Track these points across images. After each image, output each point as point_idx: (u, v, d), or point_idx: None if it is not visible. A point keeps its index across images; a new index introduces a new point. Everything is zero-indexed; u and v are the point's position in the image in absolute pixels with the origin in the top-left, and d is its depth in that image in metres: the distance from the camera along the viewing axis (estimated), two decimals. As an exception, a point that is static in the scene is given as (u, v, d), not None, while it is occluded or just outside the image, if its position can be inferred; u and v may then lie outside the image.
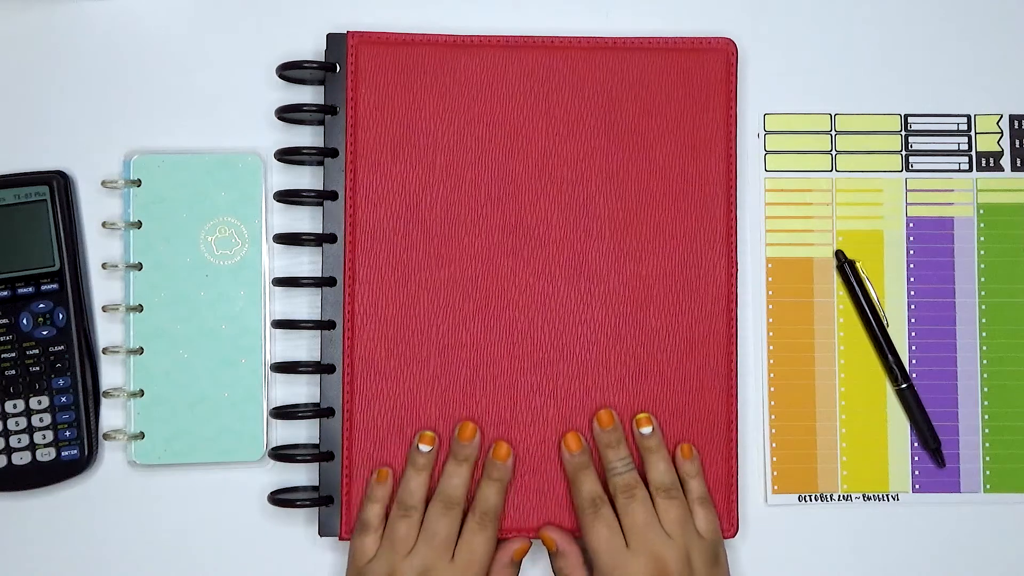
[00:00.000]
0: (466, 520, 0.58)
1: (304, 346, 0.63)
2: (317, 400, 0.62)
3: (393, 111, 0.62)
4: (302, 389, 0.63)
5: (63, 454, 0.62)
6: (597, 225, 0.62)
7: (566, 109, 0.62)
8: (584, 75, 0.63)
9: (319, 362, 0.62)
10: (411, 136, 0.62)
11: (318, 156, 0.62)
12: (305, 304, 0.64)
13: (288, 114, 0.63)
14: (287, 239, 0.62)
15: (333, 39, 0.63)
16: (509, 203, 0.62)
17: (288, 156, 0.62)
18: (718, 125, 0.63)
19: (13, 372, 0.62)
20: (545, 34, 0.63)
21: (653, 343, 0.62)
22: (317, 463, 0.62)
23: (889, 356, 0.64)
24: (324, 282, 0.62)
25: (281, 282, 0.62)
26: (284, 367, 0.62)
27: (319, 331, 0.62)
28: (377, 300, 0.61)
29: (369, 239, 0.61)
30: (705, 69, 0.63)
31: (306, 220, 0.64)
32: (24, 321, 0.62)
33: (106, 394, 0.63)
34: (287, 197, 0.63)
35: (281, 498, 0.61)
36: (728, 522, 0.62)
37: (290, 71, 0.63)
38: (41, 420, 0.62)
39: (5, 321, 0.62)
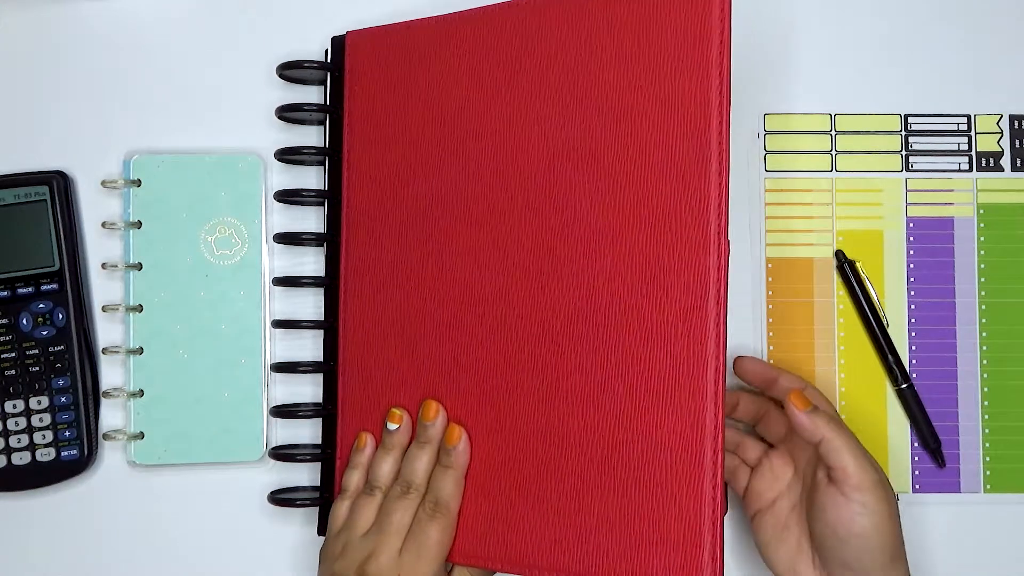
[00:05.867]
0: (418, 509, 0.55)
1: (306, 346, 0.63)
2: (318, 400, 0.62)
3: (386, 108, 0.60)
4: (304, 389, 0.63)
5: (63, 454, 0.62)
6: (576, 205, 0.54)
7: (540, 79, 0.55)
8: (554, 37, 0.55)
9: (319, 362, 0.62)
10: (399, 130, 0.60)
11: (318, 156, 0.62)
12: (305, 304, 0.64)
13: (288, 113, 0.63)
14: (287, 239, 0.62)
15: (336, 41, 0.63)
16: (490, 192, 0.57)
17: (288, 156, 0.62)
18: (707, 72, 0.51)
19: (13, 372, 0.62)
20: None
21: (642, 334, 0.52)
22: (317, 463, 0.62)
23: (889, 356, 0.64)
24: (324, 282, 0.62)
25: (281, 282, 0.62)
26: (284, 367, 0.62)
27: (320, 331, 0.62)
28: (375, 300, 0.60)
29: (362, 237, 0.60)
30: (690, 9, 0.52)
31: (306, 220, 0.64)
32: (24, 321, 0.62)
33: (106, 394, 0.63)
34: (287, 197, 0.62)
35: (281, 497, 0.61)
36: (728, 522, 0.60)
37: (290, 71, 0.63)
38: (41, 420, 0.62)
39: (5, 321, 0.62)
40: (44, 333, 0.62)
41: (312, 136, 0.64)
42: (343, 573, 0.54)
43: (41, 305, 0.62)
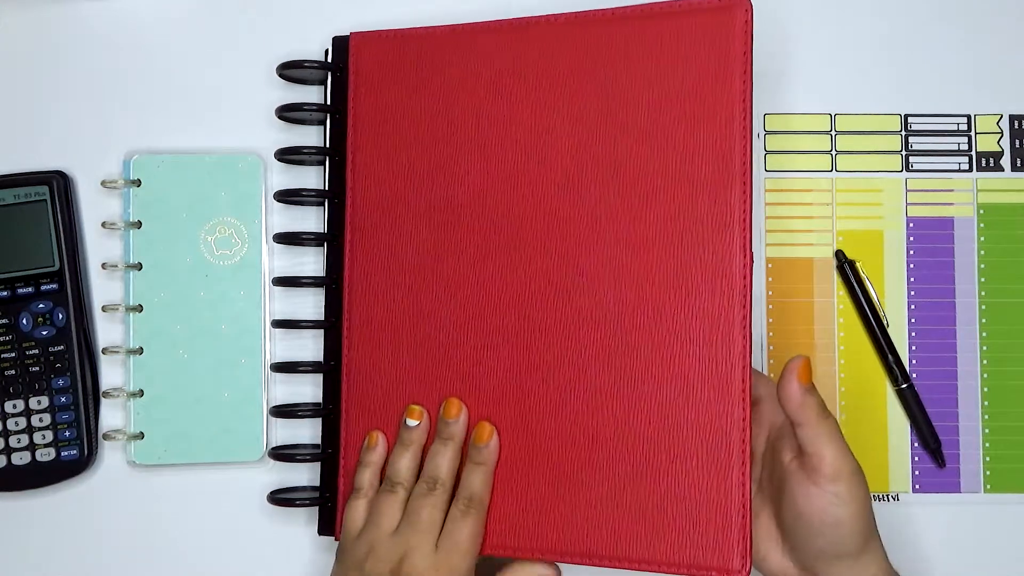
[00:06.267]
0: (451, 507, 0.56)
1: (306, 346, 0.63)
2: (318, 400, 0.62)
3: (396, 111, 0.60)
4: (304, 389, 0.63)
5: (63, 454, 0.62)
6: (600, 216, 0.57)
7: (564, 93, 0.57)
8: (580, 53, 0.57)
9: (319, 362, 0.62)
10: (410, 133, 0.60)
11: (318, 156, 0.62)
12: (305, 304, 0.64)
13: (288, 113, 0.63)
14: (286, 238, 0.62)
15: (338, 41, 0.63)
16: (509, 198, 0.58)
17: (288, 156, 0.62)
18: (732, 95, 0.54)
19: (13, 372, 0.62)
20: (540, 12, 0.59)
21: (671, 337, 0.54)
22: (317, 462, 0.62)
23: (889, 356, 0.64)
24: (324, 282, 0.62)
25: (281, 282, 0.62)
26: (284, 367, 0.62)
27: (320, 331, 0.62)
28: (383, 300, 0.60)
29: (369, 239, 0.61)
30: (715, 33, 0.55)
31: (306, 220, 0.64)
32: (24, 321, 0.62)
33: (106, 394, 0.63)
34: (287, 197, 0.62)
35: (281, 497, 0.61)
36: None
37: (291, 71, 0.63)
38: (41, 420, 0.62)
39: (5, 321, 0.62)
40: (44, 333, 0.62)
41: (312, 136, 0.64)
42: (374, 574, 0.54)
43: (41, 305, 0.62)
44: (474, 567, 0.55)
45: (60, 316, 0.62)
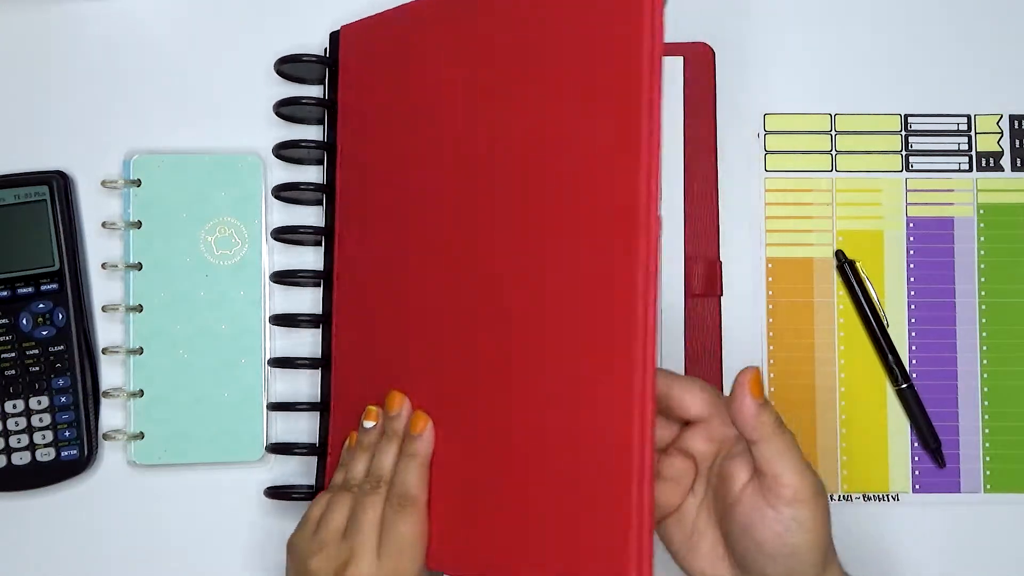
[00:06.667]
0: (385, 506, 0.52)
1: (306, 344, 0.63)
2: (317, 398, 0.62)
3: (375, 101, 0.59)
4: (305, 388, 0.63)
5: (63, 454, 0.62)
6: (514, 204, 0.51)
7: (488, 66, 0.52)
8: (498, 24, 0.52)
9: (316, 358, 0.62)
10: (383, 123, 0.58)
11: (316, 151, 0.62)
12: (304, 303, 0.64)
13: (286, 109, 0.63)
14: (285, 232, 0.62)
15: (334, 36, 0.63)
16: (448, 187, 0.54)
17: (286, 150, 0.62)
18: (638, 36, 0.45)
19: (13, 372, 0.62)
20: None
21: (559, 334, 0.48)
22: (315, 456, 0.62)
23: (889, 356, 0.64)
24: (322, 277, 0.62)
25: (279, 276, 0.62)
26: (281, 362, 0.62)
27: (319, 329, 0.62)
28: (364, 296, 0.59)
29: (353, 234, 0.60)
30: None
31: (307, 220, 0.64)
32: (24, 321, 0.62)
33: (106, 394, 0.63)
34: (285, 191, 0.62)
35: (278, 491, 0.61)
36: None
37: (289, 66, 0.63)
38: (41, 420, 0.62)
39: (5, 321, 0.62)
40: (44, 333, 0.62)
41: (312, 136, 0.64)
42: (320, 571, 0.52)
43: (41, 305, 0.62)
44: (422, 567, 0.52)
45: (60, 316, 0.62)
